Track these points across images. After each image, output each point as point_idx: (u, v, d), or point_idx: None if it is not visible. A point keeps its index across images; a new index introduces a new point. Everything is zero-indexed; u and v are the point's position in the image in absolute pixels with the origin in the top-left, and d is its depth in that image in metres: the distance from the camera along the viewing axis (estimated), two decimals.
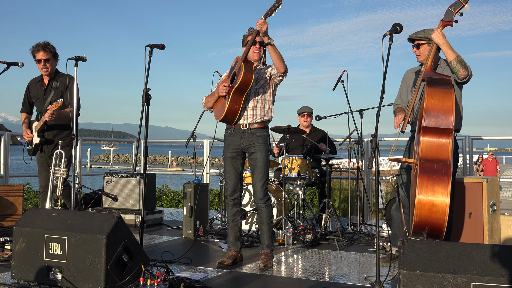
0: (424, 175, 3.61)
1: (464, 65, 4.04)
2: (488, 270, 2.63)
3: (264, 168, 4.44)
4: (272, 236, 4.57)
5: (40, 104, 5.32)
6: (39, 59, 5.19)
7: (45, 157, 5.32)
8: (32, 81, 5.45)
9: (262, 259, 4.41)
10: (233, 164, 4.53)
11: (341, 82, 6.33)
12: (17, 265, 3.54)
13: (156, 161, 74.68)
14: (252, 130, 4.44)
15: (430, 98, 3.75)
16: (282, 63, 4.27)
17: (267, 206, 4.48)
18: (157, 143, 11.33)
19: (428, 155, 3.70)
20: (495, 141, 22.45)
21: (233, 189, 4.54)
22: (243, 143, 4.46)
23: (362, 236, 5.97)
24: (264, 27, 4.07)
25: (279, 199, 6.06)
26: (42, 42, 5.23)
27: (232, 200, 4.55)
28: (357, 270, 4.36)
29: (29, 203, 9.26)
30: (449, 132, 3.69)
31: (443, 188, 3.56)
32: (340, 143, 7.09)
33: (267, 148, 4.48)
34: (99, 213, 3.51)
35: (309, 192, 10.44)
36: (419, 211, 3.58)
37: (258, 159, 4.43)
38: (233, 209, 4.56)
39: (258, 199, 4.45)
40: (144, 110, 4.15)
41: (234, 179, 4.54)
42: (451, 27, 4.08)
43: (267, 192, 4.49)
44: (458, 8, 3.99)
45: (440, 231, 3.63)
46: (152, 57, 4.17)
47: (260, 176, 4.43)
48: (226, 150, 4.56)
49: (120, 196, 6.61)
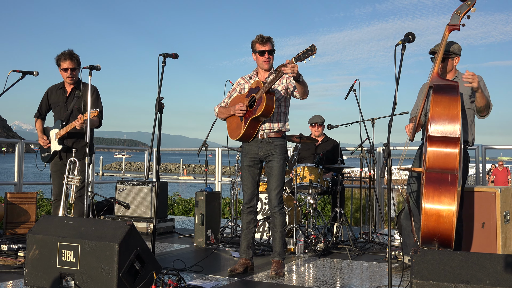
0: (430, 186, 3.57)
1: (489, 108, 4.16)
2: (501, 280, 2.61)
3: (280, 176, 4.45)
4: (284, 244, 4.57)
5: (60, 111, 5.31)
6: (66, 68, 5.18)
7: (60, 165, 5.30)
8: (53, 88, 5.43)
9: (274, 267, 4.41)
10: (250, 173, 4.55)
11: (353, 91, 6.32)
12: (30, 272, 3.56)
13: (167, 169, 74.88)
14: (270, 140, 4.46)
15: (435, 106, 3.70)
16: (307, 94, 4.36)
17: (281, 214, 4.49)
18: (169, 151, 11.27)
19: (435, 164, 3.64)
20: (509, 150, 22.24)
21: (249, 197, 4.56)
22: (261, 153, 4.49)
23: (374, 245, 5.94)
24: (295, 71, 4.00)
25: (290, 207, 6.06)
26: (67, 50, 5.22)
27: (248, 208, 4.56)
28: (369, 279, 4.33)
29: (42, 210, 9.33)
30: (455, 141, 3.63)
31: (450, 198, 3.51)
32: (352, 152, 7.08)
33: (284, 157, 4.50)
34: (112, 221, 3.53)
35: (320, 201, 10.41)
36: (426, 222, 3.55)
37: (275, 167, 4.45)
38: (248, 216, 4.57)
39: (273, 206, 4.46)
40: (157, 119, 4.16)
41: (251, 188, 4.56)
42: (458, 30, 4.02)
43: (281, 200, 4.49)
44: (465, 11, 3.94)
45: (449, 241, 3.60)
46: (165, 66, 4.19)
47: (275, 184, 4.45)
48: (244, 159, 4.58)
49: (132, 204, 6.65)
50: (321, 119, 7.03)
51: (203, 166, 6.91)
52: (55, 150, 5.27)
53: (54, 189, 5.34)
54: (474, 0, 3.91)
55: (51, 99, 5.40)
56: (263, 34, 4.47)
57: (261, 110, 4.25)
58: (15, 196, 6.60)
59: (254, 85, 4.43)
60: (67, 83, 5.31)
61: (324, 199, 10.53)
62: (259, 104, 4.29)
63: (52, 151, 5.30)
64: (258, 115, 4.30)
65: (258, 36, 4.47)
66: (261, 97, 4.26)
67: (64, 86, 5.35)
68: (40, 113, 5.49)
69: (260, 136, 4.47)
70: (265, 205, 6.21)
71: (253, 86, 4.43)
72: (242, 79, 4.66)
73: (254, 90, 4.40)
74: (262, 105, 4.25)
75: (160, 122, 4.18)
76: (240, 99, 4.53)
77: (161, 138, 4.16)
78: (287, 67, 3.99)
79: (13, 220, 6.48)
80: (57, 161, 5.33)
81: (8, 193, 6.62)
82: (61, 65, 5.21)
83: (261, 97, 4.26)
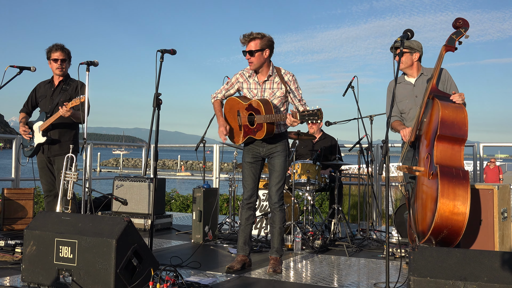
0: (445, 178, 3.73)
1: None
2: (499, 277, 2.61)
3: (281, 173, 4.44)
4: (282, 241, 4.57)
5: (46, 104, 5.26)
6: (56, 58, 5.17)
7: (45, 160, 5.22)
8: (41, 83, 5.43)
9: (271, 264, 4.40)
10: (251, 169, 4.53)
11: (351, 88, 6.32)
12: (28, 268, 3.56)
13: (165, 165, 74.85)
14: (271, 139, 4.43)
15: (444, 109, 3.95)
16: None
17: (281, 210, 4.48)
18: (167, 147, 11.28)
19: (443, 161, 3.87)
20: (506, 148, 22.28)
21: (250, 193, 4.54)
22: (263, 151, 4.48)
23: (372, 242, 5.95)
24: (293, 125, 4.14)
25: (288, 204, 6.05)
26: (58, 43, 5.23)
27: (247, 203, 4.55)
28: (367, 276, 4.34)
29: (39, 206, 9.32)
30: (461, 142, 3.91)
31: (464, 191, 3.74)
32: (350, 148, 7.08)
33: (286, 154, 4.48)
34: (109, 217, 3.52)
35: (318, 198, 10.42)
36: (441, 212, 3.65)
37: (276, 164, 4.44)
38: (248, 212, 4.55)
39: (273, 202, 4.45)
40: (155, 115, 4.15)
41: (251, 184, 4.54)
42: (453, 52, 4.30)
43: (282, 196, 4.48)
44: (459, 36, 4.23)
45: (457, 234, 3.72)
46: (163, 62, 4.17)
47: (276, 180, 4.44)
48: (246, 155, 4.56)
49: (130, 200, 6.64)
50: None
51: (200, 163, 6.90)
52: (39, 143, 5.17)
53: (43, 186, 5.32)
54: (467, 29, 4.23)
55: (39, 92, 5.36)
56: (251, 32, 4.32)
57: (262, 135, 4.29)
58: (12, 192, 6.59)
59: (255, 104, 4.29)
60: (56, 76, 5.29)
61: (321, 196, 10.54)
62: (259, 130, 4.29)
63: (35, 144, 5.19)
64: (257, 138, 4.36)
65: (241, 35, 4.37)
66: (262, 125, 4.25)
67: (52, 80, 5.34)
68: (26, 107, 5.41)
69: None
70: (263, 201, 6.20)
71: (254, 105, 4.30)
72: (240, 77, 4.51)
73: (255, 109, 4.30)
74: (263, 132, 4.26)
75: (157, 118, 4.16)
76: (239, 106, 4.44)
77: (158, 134, 4.15)
78: (288, 119, 4.11)
79: (10, 216, 6.47)
80: (41, 157, 5.23)
81: (5, 189, 6.61)
82: (51, 56, 5.19)
83: (262, 125, 4.25)
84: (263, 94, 4.39)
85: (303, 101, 4.38)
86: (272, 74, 4.40)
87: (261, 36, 4.29)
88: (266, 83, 4.40)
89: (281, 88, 4.36)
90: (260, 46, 4.29)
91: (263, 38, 4.29)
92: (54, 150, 5.18)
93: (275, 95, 4.38)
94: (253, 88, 4.44)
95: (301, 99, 4.39)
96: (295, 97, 4.37)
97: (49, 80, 5.38)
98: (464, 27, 4.23)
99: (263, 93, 4.39)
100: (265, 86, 4.40)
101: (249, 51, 4.29)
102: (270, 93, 4.38)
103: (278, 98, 4.38)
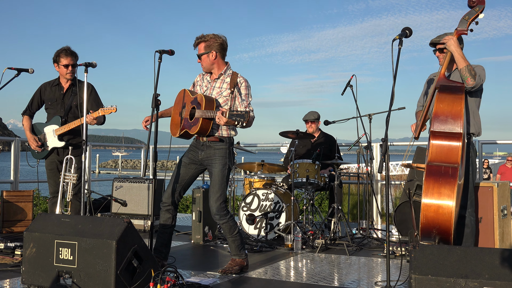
0: (431, 178, 3.66)
1: (473, 74, 4.01)
2: (500, 274, 2.61)
3: (219, 183, 4.22)
4: (239, 246, 4.34)
5: (57, 107, 5.22)
6: (67, 64, 5.12)
7: (56, 162, 5.22)
8: (46, 84, 5.35)
9: (227, 264, 4.33)
10: (181, 170, 4.35)
11: (350, 86, 6.31)
12: (28, 270, 3.55)
13: (164, 166, 74.85)
14: (210, 143, 4.29)
15: (439, 103, 3.82)
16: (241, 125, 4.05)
17: (225, 223, 4.25)
18: (166, 148, 11.36)
19: (437, 158, 3.76)
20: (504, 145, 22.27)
21: (168, 194, 4.33)
22: (201, 155, 4.32)
23: (372, 241, 5.95)
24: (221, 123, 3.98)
25: (287, 204, 6.05)
26: (66, 47, 5.18)
27: (164, 205, 4.34)
28: (367, 275, 4.34)
29: (38, 208, 9.31)
30: (458, 136, 3.74)
31: (449, 190, 3.60)
32: (349, 147, 7.07)
33: (225, 162, 4.26)
34: (109, 218, 3.52)
35: (317, 197, 10.42)
36: (425, 213, 3.61)
37: (213, 173, 4.25)
38: (165, 215, 4.35)
39: (213, 214, 4.24)
40: (154, 116, 4.13)
41: (173, 184, 4.33)
42: (466, 35, 4.11)
43: (222, 207, 4.22)
44: (473, 17, 4.01)
45: (447, 233, 3.64)
46: (161, 62, 4.15)
47: (214, 190, 4.22)
48: (185, 154, 4.43)
49: (129, 202, 6.63)
50: (314, 116, 6.97)
51: None
52: (54, 147, 5.17)
53: (51, 187, 5.28)
54: (482, 7, 3.97)
55: (45, 95, 5.31)
56: (201, 34, 4.32)
57: (195, 131, 4.17)
58: (11, 194, 6.58)
59: (199, 99, 4.22)
60: (64, 80, 5.25)
61: (321, 195, 10.53)
62: (195, 125, 4.18)
63: (50, 147, 5.19)
64: (191, 133, 4.25)
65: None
66: (198, 120, 4.14)
67: (60, 82, 5.28)
68: (29, 110, 5.37)
69: (201, 140, 4.31)
70: (263, 201, 6.20)
71: (198, 99, 4.22)
72: (199, 76, 4.53)
73: (197, 104, 4.22)
74: (197, 127, 4.15)
75: (156, 119, 4.16)
76: (187, 99, 4.37)
77: (157, 135, 4.14)
78: (218, 115, 3.95)
79: (10, 219, 6.46)
80: (53, 158, 5.23)
81: (4, 191, 6.60)
82: (61, 61, 5.13)
83: (198, 120, 4.14)
84: (211, 92, 4.34)
85: (249, 107, 4.26)
86: (225, 74, 4.36)
87: (205, 39, 4.29)
88: (216, 82, 4.36)
89: (229, 89, 4.26)
90: (204, 49, 4.30)
91: (207, 41, 4.29)
92: (67, 153, 5.11)
93: (222, 94, 4.30)
94: (204, 85, 4.42)
95: (247, 106, 4.25)
96: (242, 102, 4.24)
97: (56, 83, 5.30)
98: (478, 5, 3.97)
99: (212, 91, 4.34)
100: (215, 84, 4.36)
101: (197, 54, 4.34)
102: (218, 92, 4.32)
103: (225, 97, 4.29)
